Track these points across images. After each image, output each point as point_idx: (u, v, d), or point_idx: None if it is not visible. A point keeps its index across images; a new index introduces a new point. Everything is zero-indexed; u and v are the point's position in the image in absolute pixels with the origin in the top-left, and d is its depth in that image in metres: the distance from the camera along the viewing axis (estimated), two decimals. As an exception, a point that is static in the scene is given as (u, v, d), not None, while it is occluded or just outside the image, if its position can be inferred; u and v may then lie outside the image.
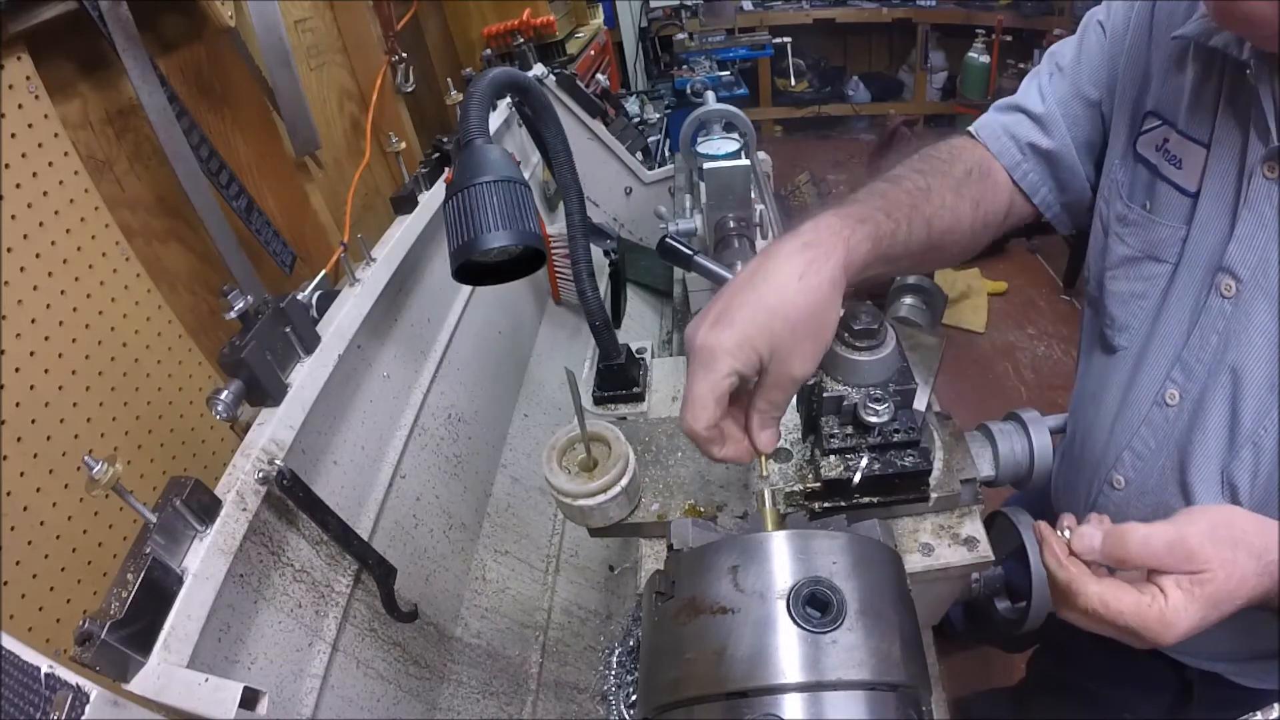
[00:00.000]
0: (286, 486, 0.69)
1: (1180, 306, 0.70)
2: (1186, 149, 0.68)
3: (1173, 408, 0.71)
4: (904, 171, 0.72)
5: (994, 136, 0.82)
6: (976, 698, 1.59)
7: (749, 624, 0.44)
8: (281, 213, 1.28)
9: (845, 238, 0.59)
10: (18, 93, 0.78)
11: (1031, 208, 0.83)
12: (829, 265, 0.56)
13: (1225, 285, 0.65)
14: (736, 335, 0.53)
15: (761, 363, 0.54)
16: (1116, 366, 0.78)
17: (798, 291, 0.55)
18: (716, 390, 0.54)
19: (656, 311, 1.79)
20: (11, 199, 0.77)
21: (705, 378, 0.54)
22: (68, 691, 0.43)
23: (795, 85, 4.66)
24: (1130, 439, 0.75)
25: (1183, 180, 0.69)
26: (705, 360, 0.54)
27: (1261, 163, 0.61)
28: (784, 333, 0.54)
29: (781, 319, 0.54)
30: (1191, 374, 0.69)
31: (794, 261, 0.56)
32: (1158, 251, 0.72)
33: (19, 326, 0.77)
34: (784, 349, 0.54)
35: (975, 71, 4.12)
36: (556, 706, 1.04)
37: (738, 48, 3.98)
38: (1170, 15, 0.70)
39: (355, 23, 1.47)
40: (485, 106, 0.77)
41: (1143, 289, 0.74)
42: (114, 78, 0.96)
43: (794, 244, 0.58)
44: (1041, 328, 2.97)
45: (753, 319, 0.54)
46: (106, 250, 0.89)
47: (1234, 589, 0.52)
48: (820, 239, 0.58)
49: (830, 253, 0.57)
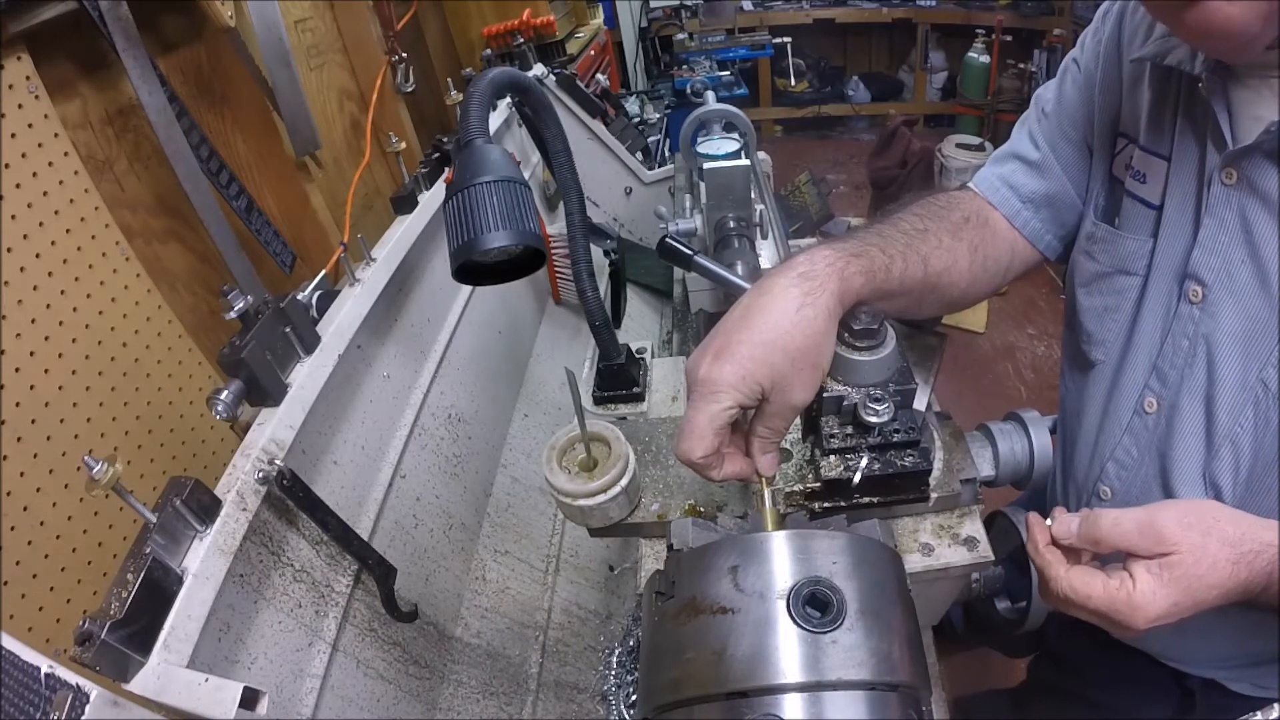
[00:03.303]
0: (286, 486, 0.69)
1: (1153, 316, 0.72)
2: (1149, 163, 0.71)
3: (1151, 415, 0.72)
4: (902, 214, 0.73)
5: (992, 188, 0.83)
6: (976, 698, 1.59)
7: (749, 624, 0.44)
8: (281, 213, 1.28)
9: (840, 269, 0.60)
10: (18, 93, 0.78)
11: (1035, 254, 0.84)
12: (824, 297, 0.58)
13: (1193, 291, 0.67)
14: (738, 369, 0.55)
15: (763, 393, 0.56)
16: (1095, 381, 0.80)
17: (794, 324, 0.57)
18: (716, 423, 0.56)
19: (656, 311, 1.79)
20: (11, 199, 0.77)
21: (705, 409, 0.56)
22: (68, 691, 0.43)
23: (795, 85, 4.66)
24: (1113, 450, 0.77)
25: (1147, 194, 0.71)
26: (706, 394, 0.56)
27: (1219, 170, 0.63)
28: (783, 364, 0.56)
29: (780, 351, 0.56)
30: (1166, 380, 0.70)
31: (790, 294, 0.58)
32: (1127, 264, 0.73)
33: (19, 326, 0.77)
34: (784, 380, 0.56)
35: (975, 71, 4.13)
36: (556, 706, 1.04)
37: (738, 48, 3.99)
38: (1131, 40, 0.73)
39: (355, 23, 1.47)
40: (485, 106, 0.77)
41: (1115, 302, 0.76)
42: (114, 78, 0.96)
43: (790, 276, 0.59)
44: (1041, 328, 2.97)
45: (751, 354, 0.56)
46: (106, 250, 0.89)
47: (1204, 574, 0.53)
48: (816, 270, 0.59)
49: (825, 284, 0.59)
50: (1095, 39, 0.77)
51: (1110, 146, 0.76)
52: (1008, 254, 0.82)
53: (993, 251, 0.80)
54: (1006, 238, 0.82)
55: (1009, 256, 0.82)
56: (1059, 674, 1.05)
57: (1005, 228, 0.82)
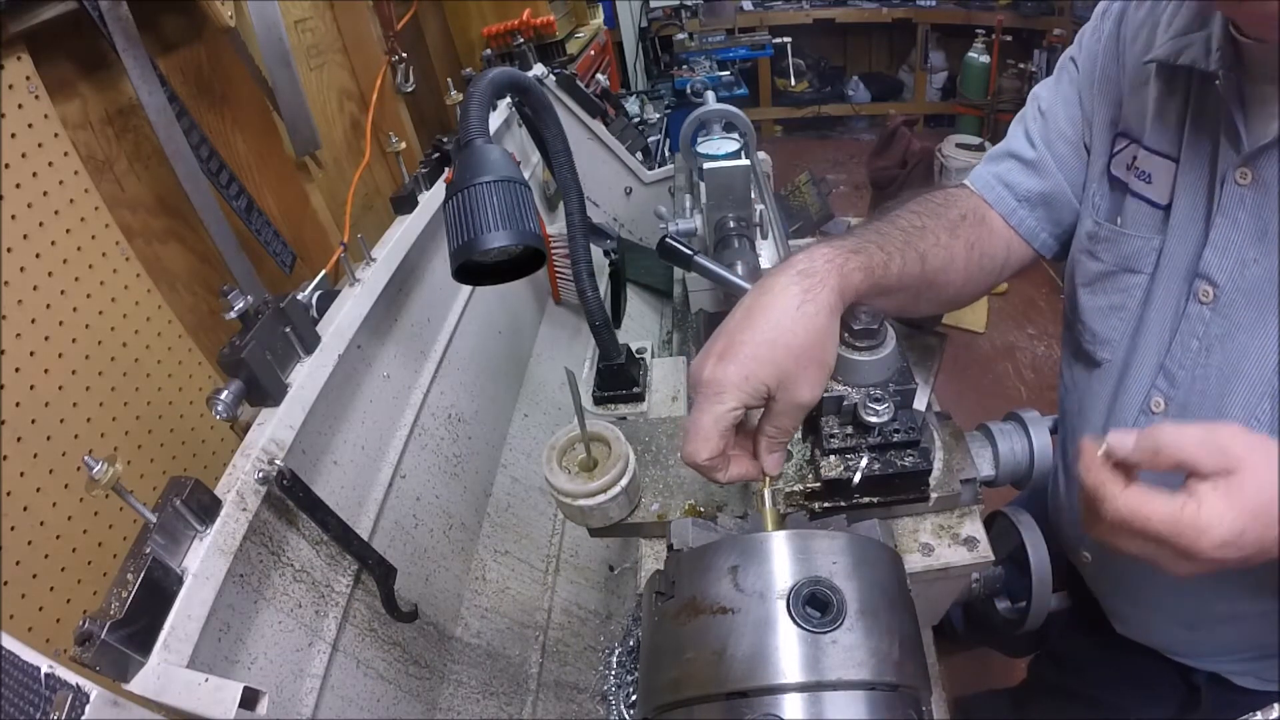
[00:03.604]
0: (286, 486, 0.69)
1: (1160, 316, 0.71)
2: (1155, 164, 0.70)
3: (1158, 415, 0.72)
4: (900, 212, 0.73)
5: (988, 186, 0.82)
6: (976, 698, 1.59)
7: (749, 624, 0.44)
8: (281, 213, 1.28)
9: (839, 265, 0.60)
10: (18, 93, 0.78)
11: (1030, 252, 0.83)
12: (824, 293, 0.58)
13: (1203, 291, 0.66)
14: (743, 370, 0.55)
15: (768, 392, 0.56)
16: (1100, 380, 0.79)
17: (796, 321, 0.56)
18: (721, 424, 0.55)
19: (656, 311, 1.79)
20: (11, 199, 0.77)
21: (710, 411, 0.55)
22: (68, 691, 0.43)
23: (795, 85, 4.66)
24: None
25: (1153, 194, 0.70)
26: (711, 395, 0.55)
27: (1233, 169, 0.62)
28: (788, 363, 0.55)
29: (784, 350, 0.55)
30: (1175, 380, 0.70)
31: (791, 291, 0.58)
32: (1132, 263, 0.73)
33: (19, 326, 0.77)
34: (789, 378, 0.55)
35: (975, 71, 4.13)
36: (556, 706, 1.04)
37: (738, 48, 3.99)
38: (1133, 39, 0.72)
39: (355, 23, 1.47)
40: (485, 106, 0.77)
41: (1120, 301, 0.75)
42: (114, 78, 0.96)
43: (789, 274, 0.59)
44: (1041, 328, 2.97)
45: (755, 354, 0.55)
46: (106, 250, 0.89)
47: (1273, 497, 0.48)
48: (815, 267, 0.59)
49: (825, 280, 0.58)
50: (1094, 37, 0.77)
51: (1109, 146, 0.76)
52: (1003, 252, 0.82)
53: (989, 249, 0.80)
54: (1003, 236, 0.82)
55: (1005, 254, 0.82)
56: (1060, 673, 1.04)
57: (1001, 226, 0.82)
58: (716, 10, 4.23)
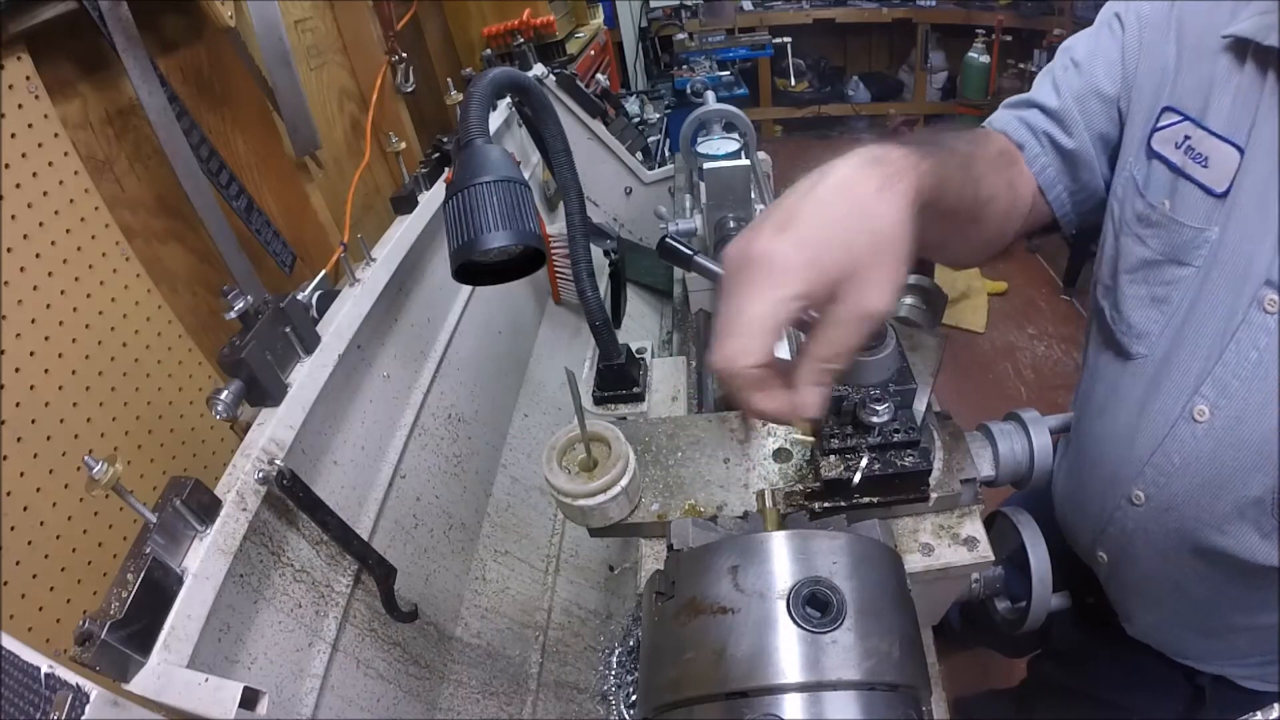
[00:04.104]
0: (286, 486, 0.69)
1: (1211, 317, 0.65)
2: (1213, 146, 0.63)
3: (1202, 424, 0.66)
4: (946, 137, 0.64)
5: (1015, 128, 0.76)
6: (976, 698, 1.59)
7: (749, 624, 0.43)
8: (281, 213, 1.28)
9: (915, 163, 0.50)
10: (18, 93, 0.78)
11: (1045, 208, 0.78)
12: (904, 185, 0.47)
13: (1269, 300, 0.60)
14: (808, 247, 0.42)
15: (832, 289, 0.43)
16: (1133, 375, 0.74)
17: (878, 203, 0.45)
18: (778, 315, 0.42)
19: (656, 311, 1.79)
20: (11, 199, 0.77)
21: (766, 296, 0.42)
22: (68, 691, 0.43)
23: (795, 85, 4.67)
24: (1152, 454, 0.71)
25: (1209, 180, 0.64)
26: (766, 273, 0.42)
27: None
28: (865, 250, 0.43)
29: (864, 233, 0.43)
30: (1226, 390, 0.64)
31: (868, 173, 0.47)
32: (1181, 255, 0.66)
33: (19, 326, 0.77)
34: (863, 271, 0.43)
35: (975, 71, 4.13)
36: (556, 706, 1.04)
37: (738, 48, 3.99)
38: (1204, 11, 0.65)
39: (355, 23, 1.47)
40: (485, 106, 0.77)
41: (1165, 293, 0.69)
42: (114, 78, 0.96)
43: (860, 158, 0.48)
44: (1041, 328, 2.97)
45: (825, 231, 0.43)
46: (106, 250, 0.89)
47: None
48: (891, 157, 0.49)
49: (904, 174, 0.48)
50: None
51: (1149, 115, 0.69)
52: (1029, 198, 0.76)
53: (1023, 193, 0.74)
54: (1030, 182, 0.76)
55: (1030, 201, 0.76)
56: (1063, 672, 1.04)
57: (1028, 171, 0.76)
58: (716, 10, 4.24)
